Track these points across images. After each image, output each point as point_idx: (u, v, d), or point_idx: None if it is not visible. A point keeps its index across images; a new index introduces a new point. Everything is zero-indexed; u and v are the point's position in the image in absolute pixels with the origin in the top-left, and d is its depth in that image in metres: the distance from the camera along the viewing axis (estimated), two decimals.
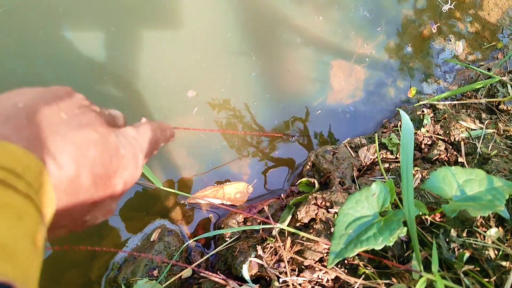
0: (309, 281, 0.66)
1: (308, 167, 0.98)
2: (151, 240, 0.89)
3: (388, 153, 0.93)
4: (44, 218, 0.21)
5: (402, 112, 0.58)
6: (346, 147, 0.98)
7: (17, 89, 0.26)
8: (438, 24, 1.20)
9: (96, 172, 0.26)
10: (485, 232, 0.60)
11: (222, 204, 0.96)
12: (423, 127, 0.98)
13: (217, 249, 0.77)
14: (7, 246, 0.17)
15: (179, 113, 1.04)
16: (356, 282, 0.61)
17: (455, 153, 0.89)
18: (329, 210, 0.76)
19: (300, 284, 0.66)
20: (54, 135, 0.24)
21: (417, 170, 0.83)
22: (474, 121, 0.96)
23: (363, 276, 0.62)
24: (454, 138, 0.92)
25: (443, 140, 0.94)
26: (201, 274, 0.75)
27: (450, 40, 1.25)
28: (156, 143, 0.35)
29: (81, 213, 0.27)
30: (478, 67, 1.17)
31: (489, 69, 1.16)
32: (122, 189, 0.30)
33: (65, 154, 0.24)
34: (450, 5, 1.25)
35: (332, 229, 0.71)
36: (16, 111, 0.23)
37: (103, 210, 0.29)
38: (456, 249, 0.60)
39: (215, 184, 0.99)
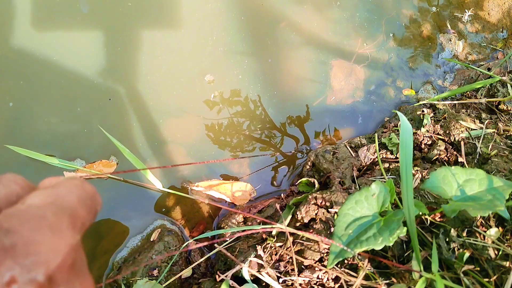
0: (309, 281, 0.66)
1: (308, 167, 0.98)
2: (151, 240, 0.89)
3: (388, 153, 0.93)
4: None
5: (400, 114, 0.58)
6: (346, 147, 0.98)
7: None
8: (453, 31, 1.21)
9: None
10: (485, 232, 0.60)
11: (222, 199, 0.96)
12: (423, 127, 0.98)
13: (217, 249, 0.77)
14: None
15: (197, 98, 1.05)
16: (356, 282, 0.61)
17: (455, 153, 0.89)
18: (329, 210, 0.76)
19: (300, 284, 0.66)
20: None
21: (417, 170, 0.83)
22: (474, 121, 0.96)
23: (363, 276, 0.62)
24: (454, 138, 0.92)
25: (443, 140, 0.94)
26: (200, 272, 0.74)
27: (450, 40, 1.25)
28: (93, 198, 0.27)
29: None
30: (478, 67, 1.17)
31: (489, 69, 1.16)
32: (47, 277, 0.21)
33: None
34: (469, 12, 1.26)
35: (332, 229, 0.71)
36: None
37: None
38: (456, 249, 0.60)
39: (221, 179, 0.99)
